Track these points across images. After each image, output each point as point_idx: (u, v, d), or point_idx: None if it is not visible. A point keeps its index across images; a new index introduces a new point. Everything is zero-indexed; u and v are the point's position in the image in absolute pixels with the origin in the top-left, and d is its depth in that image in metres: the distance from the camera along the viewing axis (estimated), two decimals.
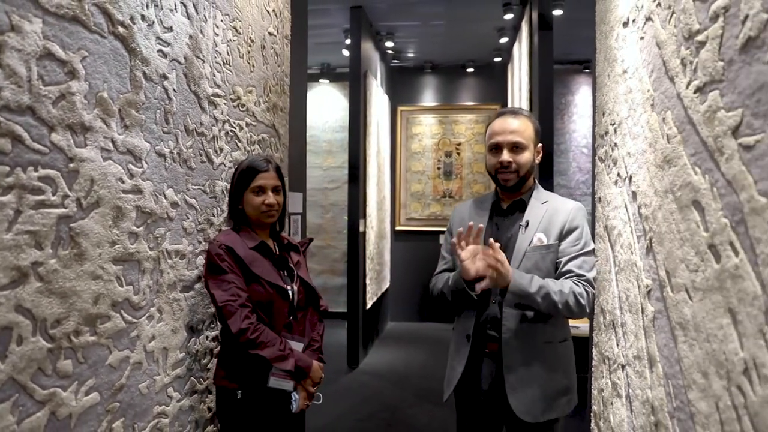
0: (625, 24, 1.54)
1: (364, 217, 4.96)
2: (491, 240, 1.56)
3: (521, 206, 1.72)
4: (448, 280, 1.70)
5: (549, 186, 3.91)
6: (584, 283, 1.62)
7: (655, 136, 1.26)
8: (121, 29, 1.28)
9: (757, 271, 0.79)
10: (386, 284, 6.18)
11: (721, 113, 0.89)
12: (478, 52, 6.04)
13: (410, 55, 6.30)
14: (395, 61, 6.37)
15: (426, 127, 6.65)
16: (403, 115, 6.67)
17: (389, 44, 5.70)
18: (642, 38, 1.37)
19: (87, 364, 1.19)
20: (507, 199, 1.75)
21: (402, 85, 6.70)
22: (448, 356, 1.83)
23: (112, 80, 1.26)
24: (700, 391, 1.00)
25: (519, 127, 1.66)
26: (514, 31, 5.24)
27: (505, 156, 1.64)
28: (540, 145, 1.74)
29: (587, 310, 1.62)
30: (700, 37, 0.98)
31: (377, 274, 5.52)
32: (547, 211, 1.68)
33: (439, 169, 6.60)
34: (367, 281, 5.05)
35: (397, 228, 6.63)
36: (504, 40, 5.46)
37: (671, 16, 1.13)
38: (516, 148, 1.65)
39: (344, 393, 4.12)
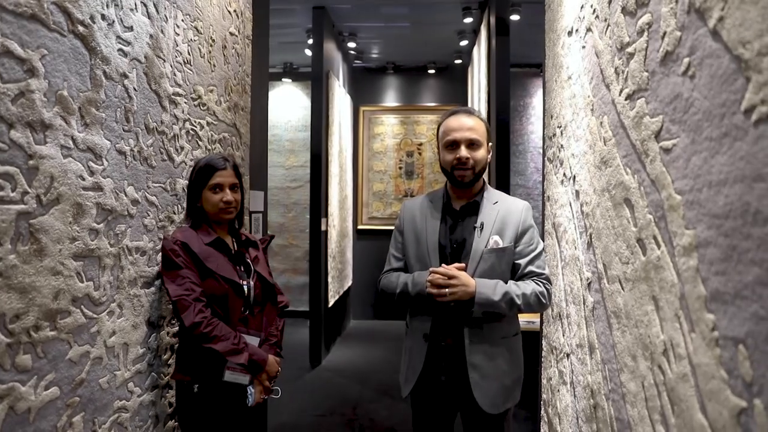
0: (570, 33, 1.64)
1: (326, 216, 4.99)
2: (444, 266, 1.64)
3: (474, 207, 1.76)
4: (407, 284, 1.74)
5: (506, 185, 4.00)
6: (544, 281, 1.69)
7: (594, 138, 1.36)
8: (80, 28, 1.29)
9: (674, 261, 0.87)
10: (348, 282, 6.22)
11: (647, 119, 0.98)
12: (440, 54, 6.15)
13: (373, 55, 6.36)
14: (358, 61, 6.41)
15: (388, 128, 6.72)
16: (366, 115, 6.72)
17: (352, 45, 5.74)
18: (584, 47, 1.46)
19: (47, 358, 1.20)
20: (459, 198, 1.79)
21: (364, 86, 6.76)
22: (403, 352, 1.87)
23: (72, 78, 1.27)
24: (629, 372, 1.09)
25: (474, 125, 1.71)
26: (474, 34, 5.36)
27: (463, 152, 1.68)
28: (490, 144, 1.80)
29: (548, 306, 1.71)
30: (629, 49, 1.07)
31: (339, 272, 5.56)
32: (499, 213, 1.73)
33: (400, 168, 6.69)
34: (330, 280, 5.08)
35: (360, 227, 6.68)
36: (464, 42, 5.58)
37: (607, 29, 1.22)
38: (472, 144, 1.70)
39: (306, 390, 4.15)
